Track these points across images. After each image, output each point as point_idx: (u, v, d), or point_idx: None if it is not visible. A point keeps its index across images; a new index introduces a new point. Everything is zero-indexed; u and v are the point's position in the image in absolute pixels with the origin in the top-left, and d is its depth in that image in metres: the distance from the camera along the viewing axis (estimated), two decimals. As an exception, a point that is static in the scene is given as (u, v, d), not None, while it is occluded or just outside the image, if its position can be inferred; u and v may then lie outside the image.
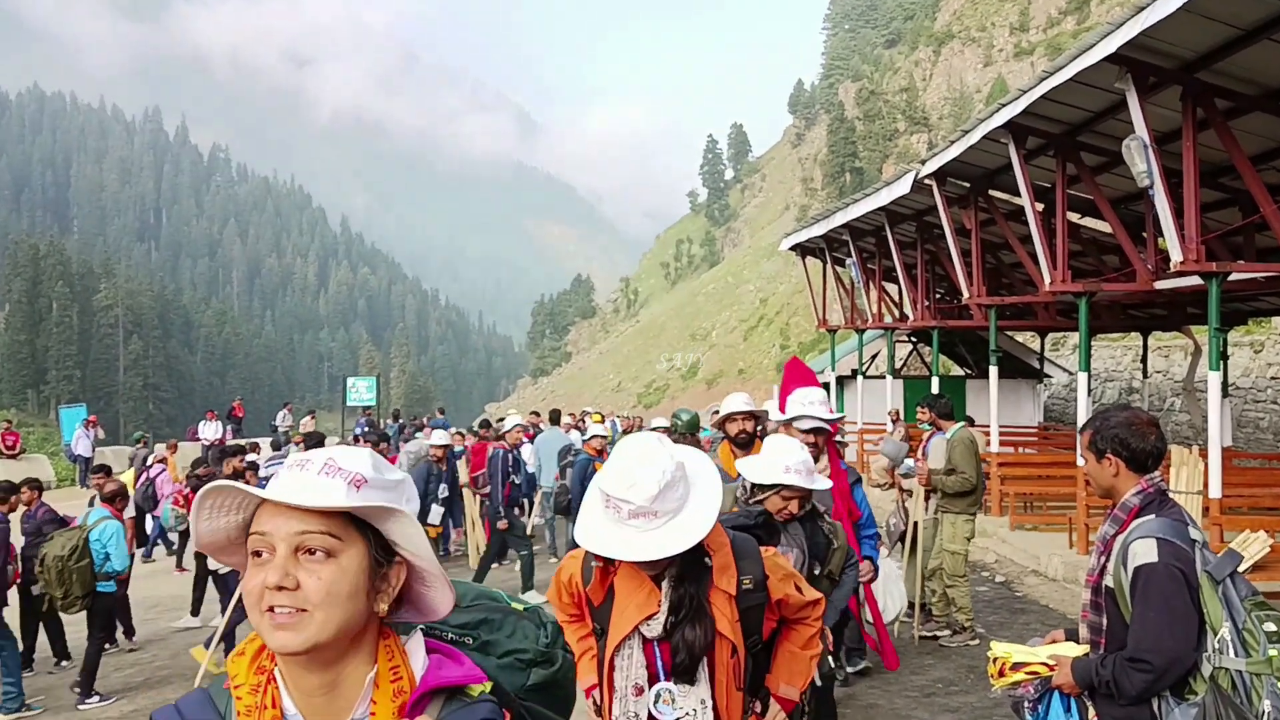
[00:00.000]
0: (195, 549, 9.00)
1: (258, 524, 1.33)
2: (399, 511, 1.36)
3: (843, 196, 26.29)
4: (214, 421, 26.96)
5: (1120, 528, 3.01)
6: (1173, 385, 23.73)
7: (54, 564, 7.82)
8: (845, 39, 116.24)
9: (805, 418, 4.81)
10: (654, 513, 2.39)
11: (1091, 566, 3.10)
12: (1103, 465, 3.06)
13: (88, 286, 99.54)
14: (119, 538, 8.36)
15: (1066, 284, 11.81)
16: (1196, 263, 9.05)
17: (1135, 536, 2.91)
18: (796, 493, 3.71)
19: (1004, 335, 21.79)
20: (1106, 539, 3.04)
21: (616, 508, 2.41)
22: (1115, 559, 2.95)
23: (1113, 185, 12.66)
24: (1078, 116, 11.16)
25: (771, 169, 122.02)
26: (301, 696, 1.35)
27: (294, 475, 1.34)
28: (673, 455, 2.47)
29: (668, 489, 2.40)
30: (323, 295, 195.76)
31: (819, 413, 4.82)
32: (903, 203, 16.35)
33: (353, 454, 1.39)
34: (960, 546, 8.03)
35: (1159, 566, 2.81)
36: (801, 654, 2.94)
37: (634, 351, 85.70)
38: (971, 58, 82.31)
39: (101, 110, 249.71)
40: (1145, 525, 2.92)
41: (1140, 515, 2.98)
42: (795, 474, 3.68)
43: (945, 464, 8.07)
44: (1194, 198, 8.97)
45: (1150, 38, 8.35)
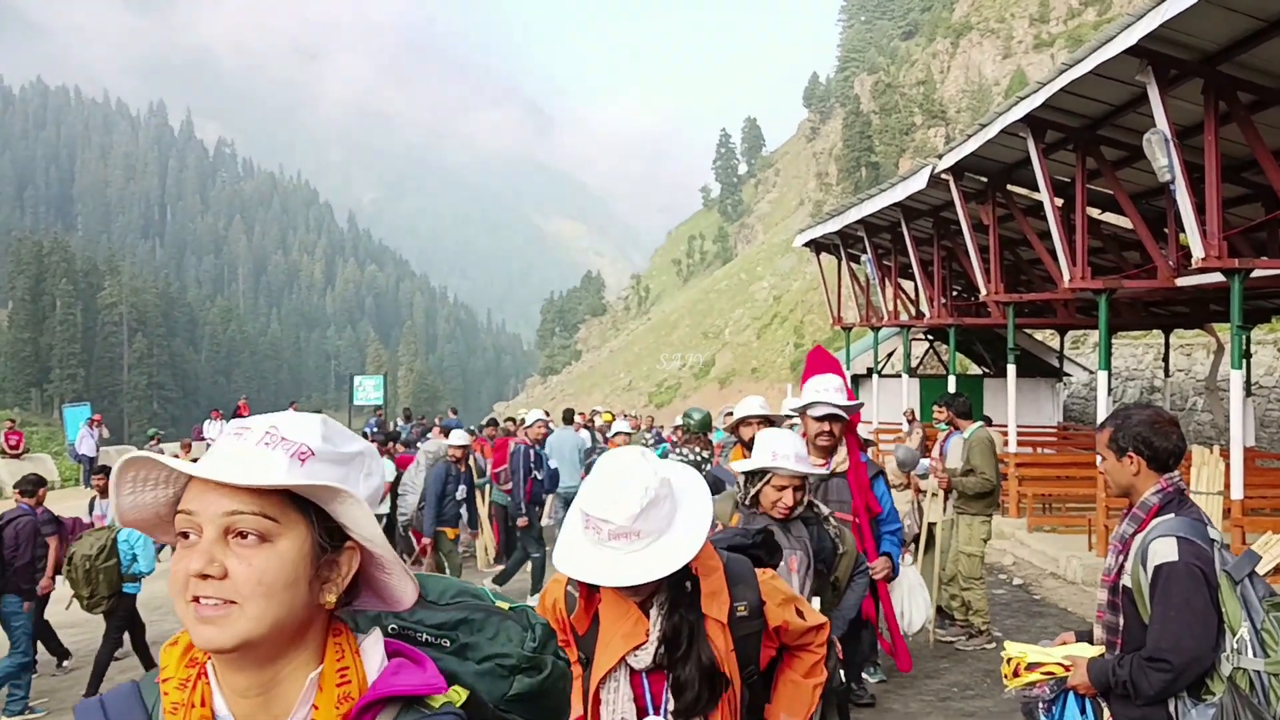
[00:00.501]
0: None
1: (185, 501, 1.17)
2: (344, 492, 1.18)
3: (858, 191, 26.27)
4: (219, 421, 27.09)
5: (1139, 527, 3.02)
6: (1195, 384, 23.65)
7: (81, 563, 7.85)
8: (861, 31, 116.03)
9: (819, 404, 4.65)
10: (637, 533, 2.24)
11: (1109, 566, 3.11)
12: (1123, 463, 3.07)
13: (92, 284, 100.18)
14: (147, 539, 8.23)
15: (1086, 281, 11.77)
16: (1218, 259, 9.02)
17: (1155, 535, 2.92)
18: (789, 480, 3.62)
19: (1022, 333, 21.74)
20: (1125, 538, 3.05)
21: (597, 528, 2.26)
22: (1134, 558, 2.97)
23: (1133, 180, 12.63)
24: (1098, 110, 11.13)
25: (786, 164, 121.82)
26: (233, 696, 1.20)
27: (229, 444, 1.19)
28: (657, 471, 2.33)
29: (651, 507, 2.25)
30: (329, 292, 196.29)
31: (834, 399, 4.64)
32: (919, 198, 16.32)
33: (300, 421, 1.23)
34: (976, 548, 8.03)
35: (1179, 565, 2.83)
36: (804, 683, 2.77)
37: (645, 350, 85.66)
38: (990, 50, 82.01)
39: (106, 105, 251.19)
40: (1165, 524, 2.94)
41: (1160, 514, 3.00)
42: (784, 459, 3.59)
43: (963, 464, 8.07)
44: (1216, 193, 8.94)
45: (1171, 29, 8.33)
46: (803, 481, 3.67)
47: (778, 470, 3.61)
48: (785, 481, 3.62)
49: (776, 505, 3.65)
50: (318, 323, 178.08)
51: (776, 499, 3.64)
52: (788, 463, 3.58)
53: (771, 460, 3.59)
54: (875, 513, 4.93)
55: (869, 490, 4.90)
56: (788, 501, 3.64)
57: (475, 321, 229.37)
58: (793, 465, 3.59)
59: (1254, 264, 9.57)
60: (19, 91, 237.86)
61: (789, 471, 3.60)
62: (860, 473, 4.82)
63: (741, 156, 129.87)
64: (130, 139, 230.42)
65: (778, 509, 3.65)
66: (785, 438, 3.69)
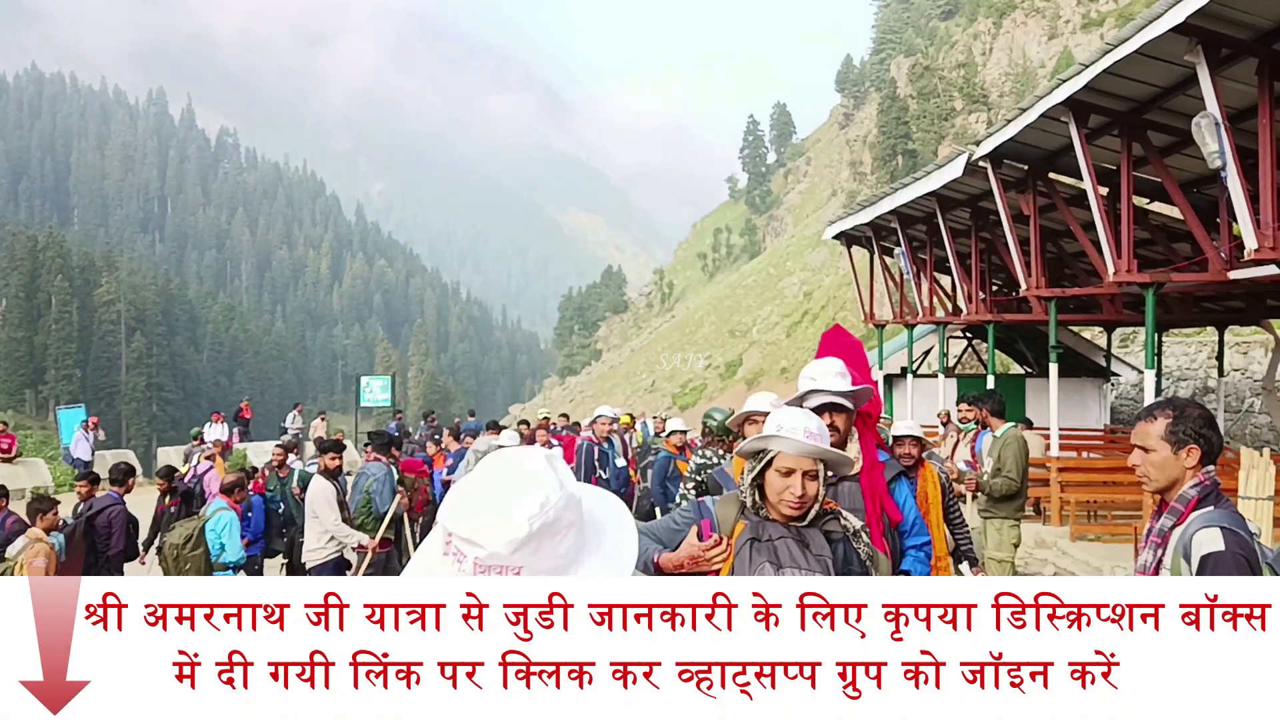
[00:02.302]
0: None
1: None
2: None
3: (894, 181, 26.22)
4: (220, 424, 27.28)
5: (1178, 520, 3.09)
6: (1252, 384, 23.46)
7: (170, 552, 8.37)
8: (898, 10, 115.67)
9: (815, 393, 3.93)
10: (515, 570, 1.66)
11: (1144, 562, 3.17)
12: (1179, 455, 3.12)
13: (88, 280, 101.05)
14: (233, 528, 8.78)
15: (1133, 274, 11.74)
16: (1274, 250, 8.97)
17: (1197, 527, 2.99)
18: (796, 461, 3.00)
19: (1067, 331, 21.64)
20: (1164, 532, 3.12)
21: (459, 555, 1.67)
22: (1174, 551, 3.04)
23: (1183, 167, 12.57)
24: (1144, 92, 11.09)
25: (817, 152, 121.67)
26: None
27: None
28: (563, 484, 1.69)
29: (546, 534, 1.65)
30: (336, 289, 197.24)
31: (833, 385, 3.92)
32: (955, 187, 16.29)
33: None
34: (1007, 554, 8.04)
35: (1226, 555, 2.90)
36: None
37: (669, 349, 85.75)
38: (1035, 30, 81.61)
39: (103, 93, 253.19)
40: (1206, 515, 3.02)
41: (1199, 507, 3.06)
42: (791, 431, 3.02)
43: (993, 464, 8.07)
44: (1271, 180, 8.90)
45: (1223, 5, 8.31)
46: (819, 470, 3.06)
47: (782, 444, 3.01)
48: (792, 463, 2.99)
49: (784, 497, 3.02)
50: (324, 321, 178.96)
51: (783, 489, 3.01)
52: (795, 434, 2.99)
53: (776, 431, 3.03)
54: (896, 521, 4.25)
55: (887, 495, 4.19)
56: (797, 490, 2.98)
57: (489, 319, 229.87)
58: (801, 439, 2.98)
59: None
60: (13, 79, 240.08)
61: (799, 448, 3.00)
62: (875, 475, 4.13)
63: (770, 145, 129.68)
64: (128, 129, 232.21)
65: (785, 502, 3.02)
66: (797, 412, 3.17)
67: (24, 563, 7.63)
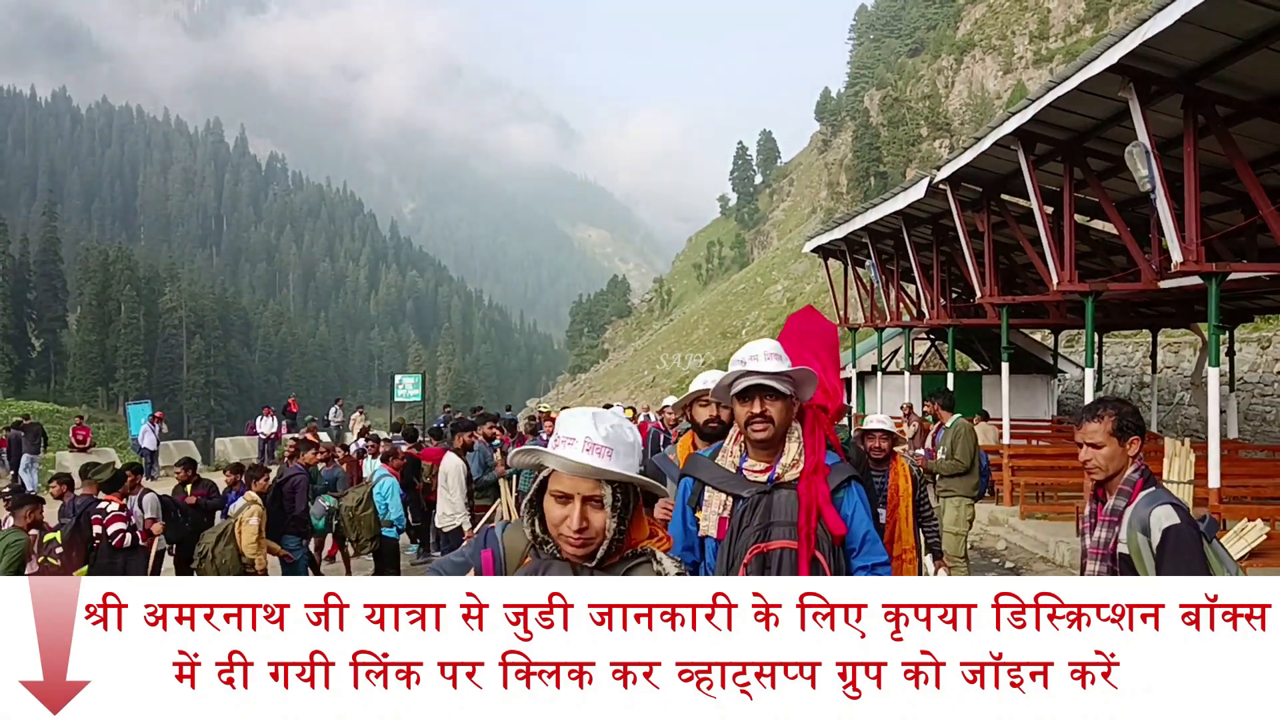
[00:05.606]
0: None
1: None
2: None
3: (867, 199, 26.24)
4: (270, 417, 27.37)
5: (1129, 500, 3.18)
6: (1181, 380, 23.48)
7: (346, 513, 9.38)
8: (870, 49, 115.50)
9: (746, 374, 2.85)
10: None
11: (1100, 539, 3.24)
12: (1125, 446, 3.22)
13: (153, 290, 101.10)
14: (393, 492, 9.49)
15: (1074, 284, 11.78)
16: (1196, 263, 9.02)
17: (1151, 505, 3.10)
18: (575, 477, 1.97)
19: (1019, 333, 21.65)
20: (1118, 511, 3.20)
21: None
22: (1128, 527, 3.12)
23: (1118, 189, 12.59)
24: (1084, 124, 11.12)
25: (799, 174, 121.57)
26: None
27: None
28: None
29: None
30: (373, 297, 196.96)
31: (766, 366, 2.84)
32: (919, 207, 16.32)
33: None
34: (961, 528, 8.12)
35: (1183, 528, 3.03)
36: None
37: (667, 349, 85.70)
38: (992, 65, 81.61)
39: (166, 123, 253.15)
40: (1153, 495, 3.15)
41: (1144, 488, 3.18)
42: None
43: (944, 451, 8.24)
44: (1194, 201, 8.94)
45: (1151, 48, 8.33)
46: (606, 496, 1.96)
47: (551, 460, 1.98)
48: (567, 486, 1.97)
49: (561, 531, 1.98)
50: (362, 325, 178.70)
51: (560, 520, 1.98)
52: (571, 447, 1.96)
53: (551, 442, 2.01)
54: (837, 536, 2.86)
55: (828, 504, 2.86)
56: (574, 523, 1.95)
57: (509, 323, 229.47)
58: (573, 455, 1.94)
59: (1230, 268, 9.63)
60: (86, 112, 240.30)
61: (568, 466, 1.96)
62: (816, 481, 2.86)
63: (757, 167, 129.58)
64: (189, 155, 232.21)
65: (564, 537, 1.98)
66: (585, 414, 2.03)
67: (243, 519, 7.97)
